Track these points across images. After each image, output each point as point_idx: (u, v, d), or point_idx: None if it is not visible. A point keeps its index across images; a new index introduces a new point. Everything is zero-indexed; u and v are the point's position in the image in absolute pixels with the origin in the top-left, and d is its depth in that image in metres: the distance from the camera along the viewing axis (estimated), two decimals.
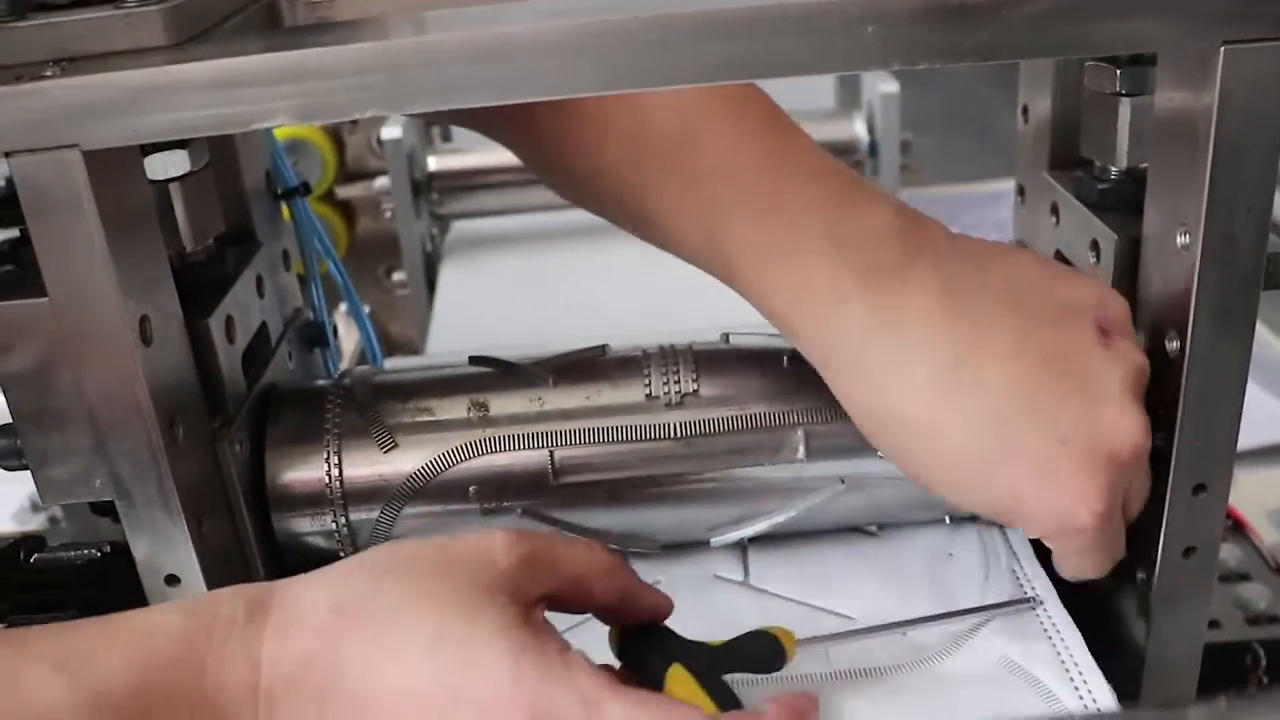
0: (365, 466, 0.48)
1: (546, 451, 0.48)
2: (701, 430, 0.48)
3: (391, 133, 0.97)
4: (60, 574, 0.45)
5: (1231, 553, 0.65)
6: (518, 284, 0.97)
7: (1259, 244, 0.38)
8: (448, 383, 0.50)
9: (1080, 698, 0.44)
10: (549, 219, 1.00)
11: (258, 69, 0.36)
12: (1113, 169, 0.47)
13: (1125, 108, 0.45)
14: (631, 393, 0.49)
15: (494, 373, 0.50)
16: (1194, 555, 0.43)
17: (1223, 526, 0.44)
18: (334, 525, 0.48)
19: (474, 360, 0.51)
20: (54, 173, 0.36)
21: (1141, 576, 0.45)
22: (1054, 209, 0.51)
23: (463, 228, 1.07)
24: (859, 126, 1.00)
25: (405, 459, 0.48)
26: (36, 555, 0.46)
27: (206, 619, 0.36)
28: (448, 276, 1.01)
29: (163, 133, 0.36)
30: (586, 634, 0.41)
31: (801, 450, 0.48)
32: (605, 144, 0.46)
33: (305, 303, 0.59)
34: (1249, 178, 0.37)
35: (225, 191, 0.51)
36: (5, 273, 0.40)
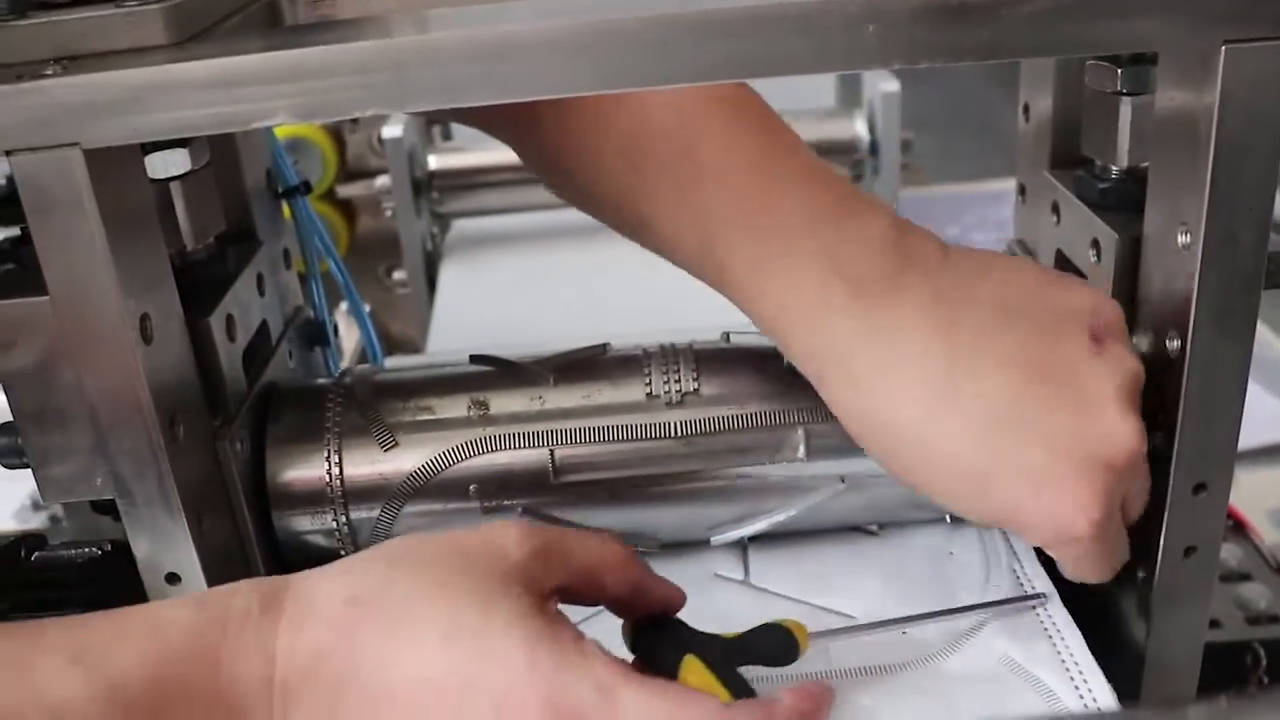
0: (366, 465, 0.48)
1: (547, 450, 0.48)
2: (702, 429, 0.48)
3: (392, 131, 0.96)
4: (61, 572, 0.45)
5: (1232, 552, 0.65)
6: (518, 283, 0.97)
7: (1260, 243, 0.38)
8: (448, 381, 0.50)
9: (1080, 697, 0.44)
10: (549, 218, 1.00)
11: (258, 67, 0.36)
12: (1114, 168, 0.47)
13: (1126, 107, 0.45)
14: (632, 392, 0.49)
15: (494, 371, 0.50)
16: (1194, 555, 0.43)
17: (1223, 526, 0.44)
18: (334, 524, 0.48)
19: (474, 359, 0.51)
20: (55, 171, 0.36)
21: (1142, 576, 0.45)
22: (1055, 208, 0.51)
23: (463, 226, 1.07)
24: (860, 125, 1.00)
25: (406, 457, 0.48)
26: (37, 553, 0.46)
27: (221, 612, 0.36)
28: (448, 275, 1.01)
29: (163, 131, 0.36)
30: (598, 627, 0.41)
31: (802, 449, 0.48)
32: (604, 145, 0.46)
33: (306, 301, 0.59)
34: (1250, 177, 0.37)
35: (226, 190, 0.51)
36: (6, 271, 0.40)
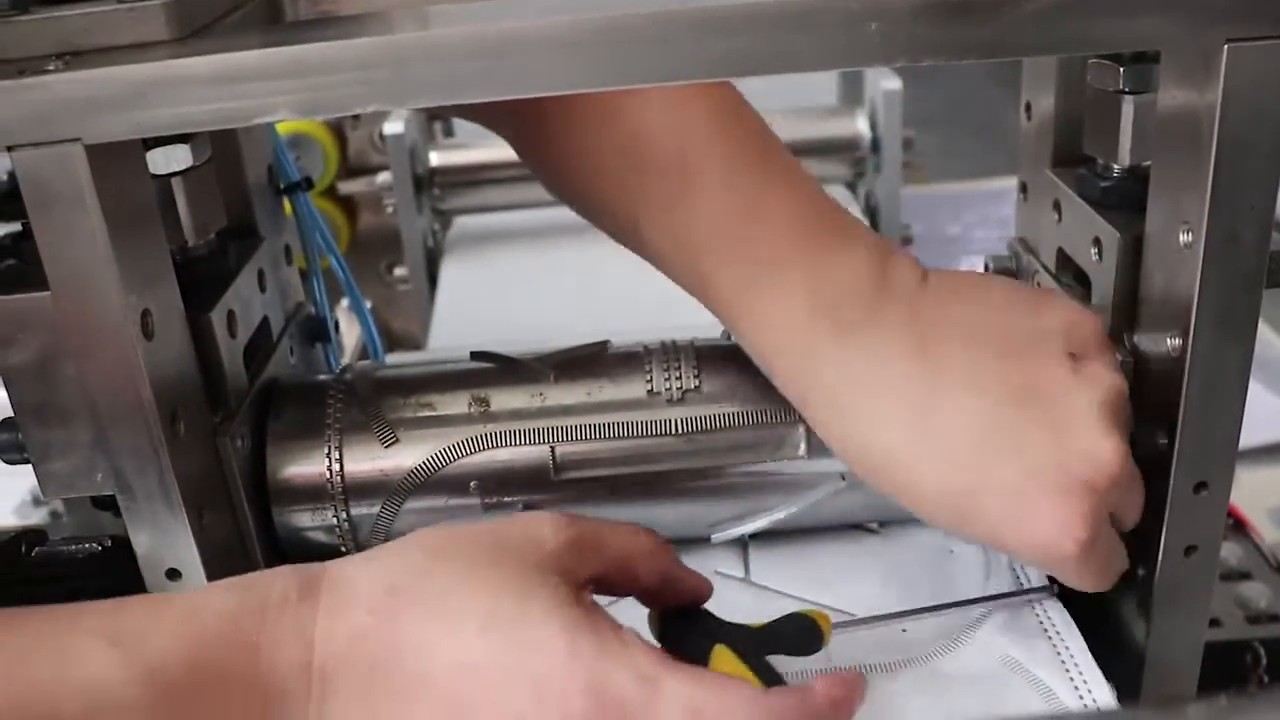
0: (366, 461, 0.48)
1: (548, 447, 0.48)
2: (703, 426, 0.48)
3: (394, 128, 0.96)
4: (61, 568, 0.45)
5: (1232, 551, 0.65)
6: (519, 280, 0.97)
7: (1262, 242, 0.38)
8: (449, 378, 0.50)
9: (1080, 696, 0.44)
10: (551, 215, 0.99)
11: (260, 63, 0.36)
12: (1115, 167, 0.47)
13: (1128, 105, 0.45)
14: (633, 388, 0.49)
15: (495, 368, 0.50)
16: (1195, 554, 0.43)
17: (1224, 525, 0.44)
18: (335, 520, 0.48)
19: (475, 356, 0.51)
20: (56, 167, 0.36)
21: (1142, 575, 0.45)
22: (1056, 206, 0.51)
23: (464, 223, 1.07)
24: (861, 123, 1.00)
25: (406, 454, 0.48)
26: (38, 549, 0.46)
27: (258, 599, 0.36)
28: (449, 272, 1.01)
29: (165, 127, 0.36)
30: (620, 616, 0.40)
31: (803, 447, 0.48)
32: (604, 144, 0.46)
33: (307, 297, 0.59)
34: (1252, 176, 0.37)
35: (227, 186, 0.51)
36: (7, 267, 0.40)
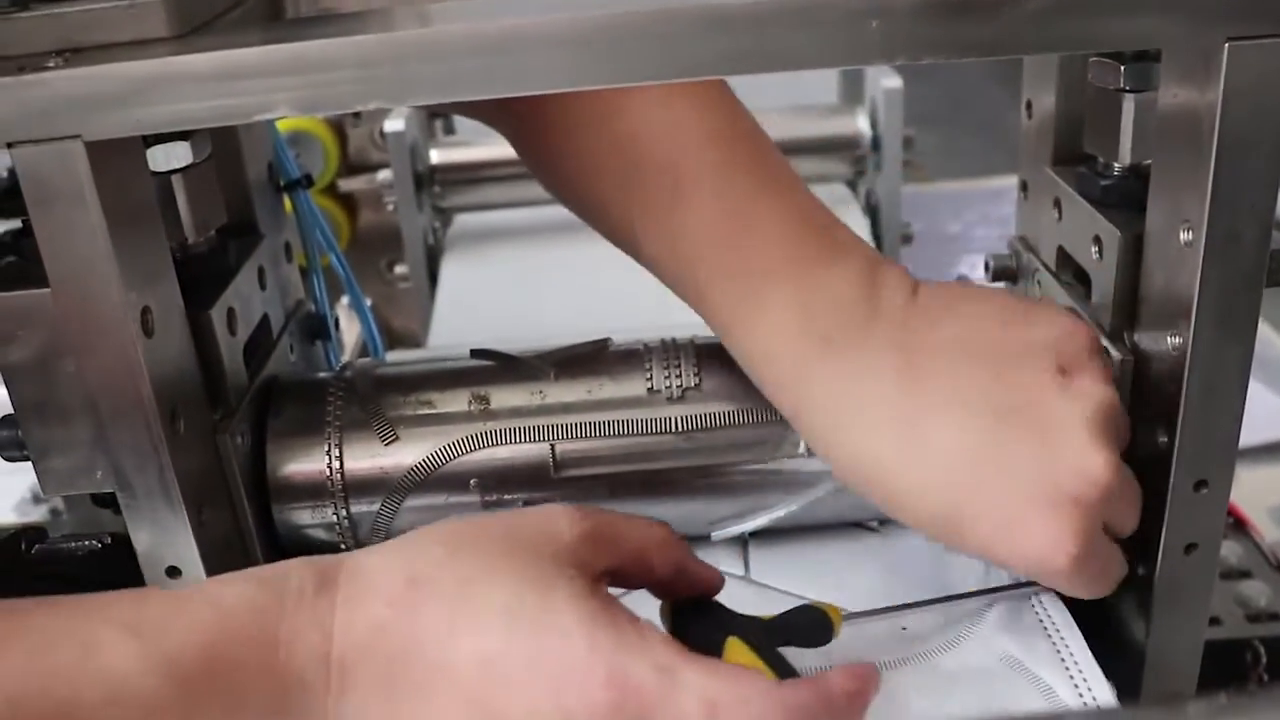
0: (366, 459, 0.48)
1: (548, 445, 0.48)
2: (703, 424, 0.48)
3: (394, 125, 0.96)
4: (61, 565, 0.45)
5: (1232, 550, 0.65)
6: (520, 277, 0.97)
7: (1262, 241, 0.38)
8: (449, 376, 0.50)
9: (1080, 695, 0.44)
10: (551, 213, 0.98)
11: (260, 60, 0.36)
12: (1116, 165, 0.47)
13: (1129, 104, 0.45)
14: (633, 386, 0.49)
15: (495, 366, 0.50)
16: (1195, 552, 0.43)
17: (1224, 523, 0.44)
18: (334, 517, 0.48)
19: (475, 353, 0.51)
20: (56, 163, 0.36)
21: (1142, 573, 0.45)
22: (1057, 205, 0.51)
23: (465, 221, 1.07)
24: (862, 121, 0.99)
25: (406, 451, 0.48)
26: (38, 547, 0.46)
27: (277, 590, 0.36)
28: (449, 270, 1.01)
29: (165, 124, 0.36)
30: (631, 608, 0.40)
31: (803, 444, 0.48)
32: (603, 144, 0.46)
33: (307, 295, 0.59)
34: (1252, 175, 0.37)
35: (227, 183, 0.51)
36: (7, 263, 0.40)
